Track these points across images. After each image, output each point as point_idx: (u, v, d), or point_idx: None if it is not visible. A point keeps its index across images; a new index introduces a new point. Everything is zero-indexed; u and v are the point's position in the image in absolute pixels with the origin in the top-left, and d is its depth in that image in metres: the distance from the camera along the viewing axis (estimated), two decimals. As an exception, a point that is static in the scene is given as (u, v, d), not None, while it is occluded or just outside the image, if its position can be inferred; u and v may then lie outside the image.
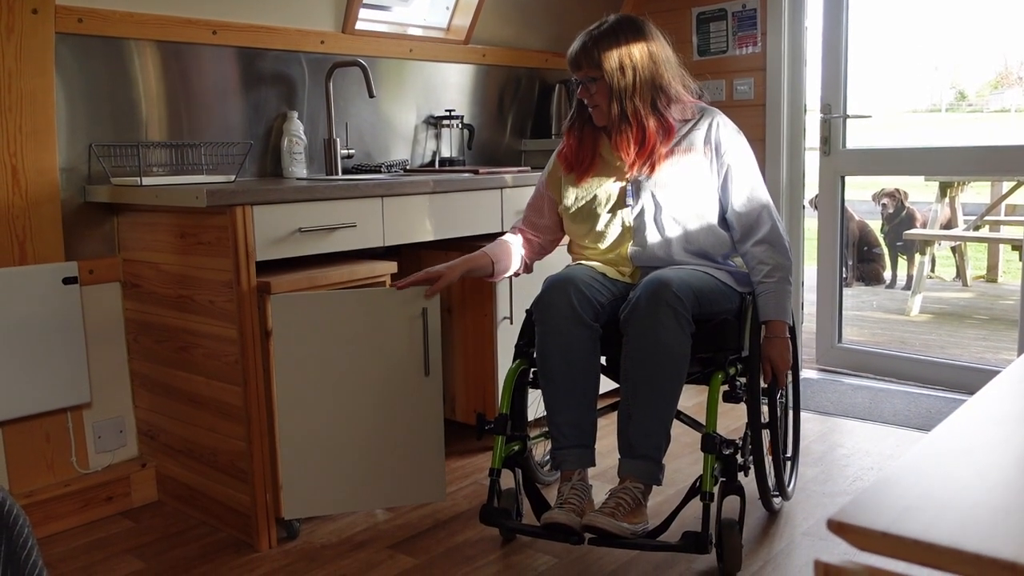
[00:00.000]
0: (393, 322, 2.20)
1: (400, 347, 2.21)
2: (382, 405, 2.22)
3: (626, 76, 2.07)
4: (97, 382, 2.46)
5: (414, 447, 2.25)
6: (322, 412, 2.19)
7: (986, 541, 0.48)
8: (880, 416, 3.13)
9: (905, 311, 5.30)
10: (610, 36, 2.09)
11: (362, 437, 2.22)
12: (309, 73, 2.89)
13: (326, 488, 2.22)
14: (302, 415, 2.19)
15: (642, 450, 1.95)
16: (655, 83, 2.11)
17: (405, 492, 2.27)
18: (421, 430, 2.25)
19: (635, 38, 2.10)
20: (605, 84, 2.09)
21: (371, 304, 2.19)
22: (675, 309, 1.93)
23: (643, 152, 2.11)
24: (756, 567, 2.07)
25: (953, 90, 10.67)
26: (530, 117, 3.70)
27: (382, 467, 2.24)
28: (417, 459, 2.26)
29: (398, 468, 2.25)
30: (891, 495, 0.55)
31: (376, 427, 2.23)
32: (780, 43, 3.55)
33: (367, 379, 2.21)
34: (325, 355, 2.18)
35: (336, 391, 2.19)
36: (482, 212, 2.75)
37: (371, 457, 2.23)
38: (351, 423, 2.21)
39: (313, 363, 2.18)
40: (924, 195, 6.28)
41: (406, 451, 2.25)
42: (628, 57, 2.08)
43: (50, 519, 2.33)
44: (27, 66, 2.23)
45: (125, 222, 2.45)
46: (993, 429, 0.68)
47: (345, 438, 2.21)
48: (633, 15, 2.17)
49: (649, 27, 2.14)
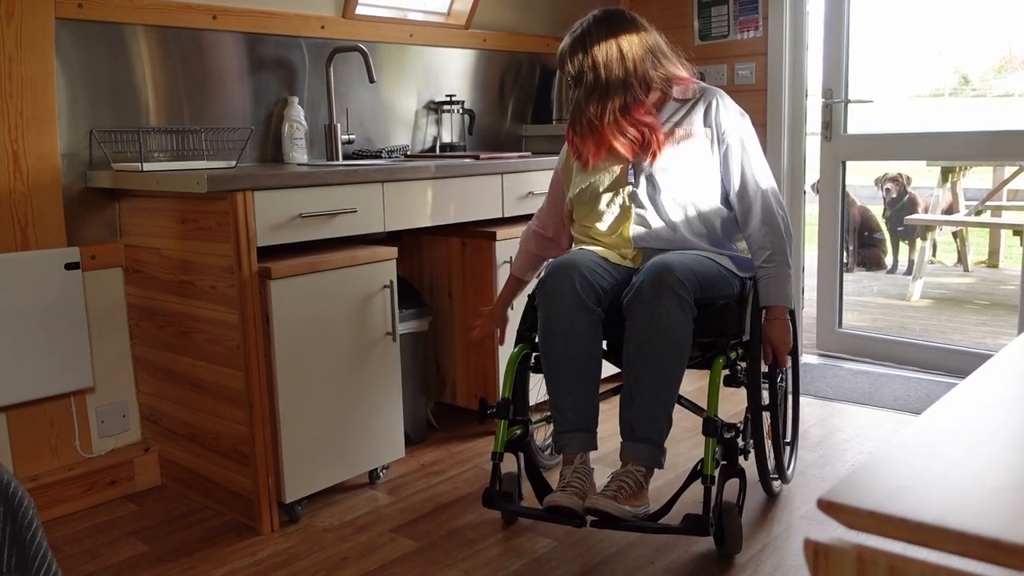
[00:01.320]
0: (364, 294, 2.37)
1: (369, 317, 2.39)
2: (354, 377, 2.37)
3: (596, 68, 2.13)
4: (100, 367, 2.47)
5: (377, 412, 2.45)
6: (319, 393, 2.25)
7: (971, 519, 0.49)
8: (879, 401, 3.14)
9: (906, 296, 5.31)
10: (586, 34, 2.15)
11: (338, 408, 2.35)
12: (309, 58, 2.89)
13: (323, 464, 2.30)
14: (301, 398, 2.22)
15: (644, 433, 1.96)
16: (636, 74, 2.12)
17: (371, 456, 2.45)
18: (384, 397, 2.46)
19: (610, 33, 2.13)
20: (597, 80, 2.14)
21: (345, 280, 2.32)
22: (678, 294, 1.94)
23: (637, 146, 2.15)
24: (755, 550, 2.08)
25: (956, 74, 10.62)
26: (531, 102, 3.70)
27: (351, 435, 2.38)
28: (380, 423, 2.45)
29: (364, 434, 2.41)
30: (881, 475, 0.56)
31: (347, 398, 2.37)
32: (782, 27, 3.54)
33: (342, 351, 2.34)
34: (323, 337, 2.23)
35: (329, 369, 2.28)
36: (483, 197, 2.75)
37: (343, 428, 2.36)
38: (338, 396, 2.33)
39: (312, 346, 2.22)
40: (926, 180, 6.27)
41: (369, 417, 2.42)
42: (605, 55, 2.13)
43: (54, 503, 2.35)
44: (27, 52, 2.23)
45: (126, 207, 2.46)
46: (984, 411, 0.68)
47: (335, 412, 2.32)
48: (610, 9, 2.19)
49: (623, 18, 2.17)
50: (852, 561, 0.51)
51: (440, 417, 3.03)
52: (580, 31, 2.17)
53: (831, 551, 0.52)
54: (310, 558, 2.10)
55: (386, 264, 2.42)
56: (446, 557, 2.09)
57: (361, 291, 2.36)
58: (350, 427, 2.38)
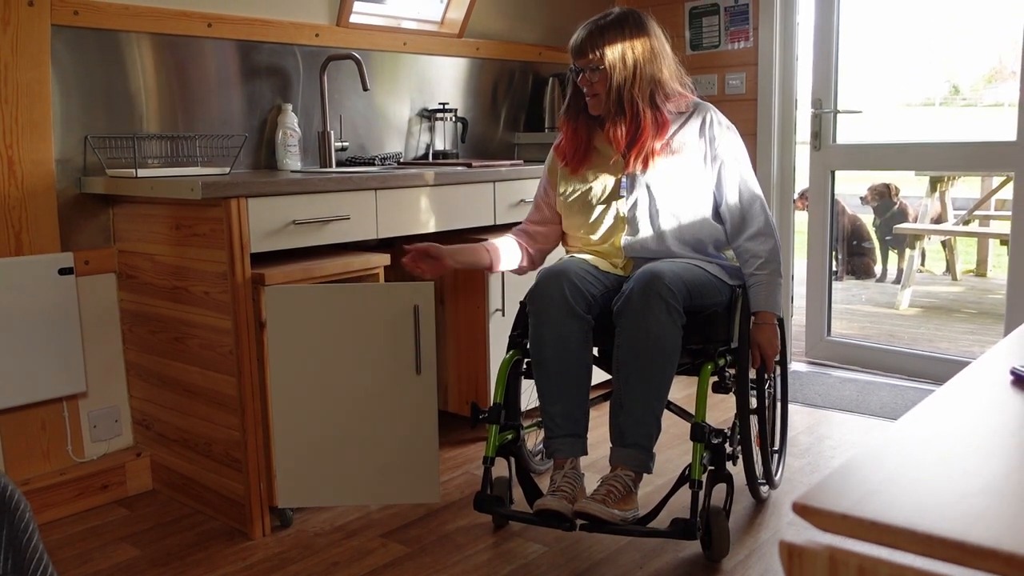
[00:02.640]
0: (385, 317, 2.18)
1: (391, 343, 2.18)
2: (373, 400, 2.20)
3: (627, 68, 2.11)
4: (93, 372, 2.48)
5: (407, 445, 2.21)
6: (315, 403, 2.20)
7: (939, 522, 0.51)
8: (867, 408, 3.17)
9: (895, 305, 5.35)
10: (615, 27, 2.13)
11: (354, 431, 2.20)
12: (303, 66, 2.91)
13: (320, 479, 2.23)
14: (296, 406, 2.20)
15: (633, 439, 1.98)
16: (654, 77, 2.14)
17: (399, 490, 2.23)
18: (414, 429, 2.21)
19: (638, 32, 2.13)
20: (606, 74, 2.12)
21: (364, 298, 2.19)
22: (667, 301, 1.96)
23: (636, 144, 2.14)
24: (742, 555, 2.11)
25: (947, 84, 10.67)
26: (523, 110, 3.72)
27: (375, 463, 2.21)
28: (410, 458, 2.22)
29: (391, 465, 2.22)
30: (854, 480, 0.58)
31: (367, 422, 2.21)
32: (772, 38, 3.57)
33: (358, 373, 2.19)
34: (318, 347, 2.18)
35: (329, 383, 2.19)
36: (475, 205, 2.77)
37: (363, 452, 2.21)
38: (343, 416, 2.20)
39: (307, 355, 2.19)
40: (915, 190, 6.32)
41: (399, 449, 2.21)
42: (631, 50, 2.11)
43: (46, 507, 2.35)
44: (23, 58, 2.24)
45: (121, 213, 2.47)
46: (957, 418, 0.71)
47: (338, 430, 2.21)
48: (636, 10, 2.20)
49: (651, 23, 2.18)
50: (824, 562, 0.53)
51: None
52: (607, 21, 2.14)
53: (804, 552, 0.54)
54: (301, 563, 2.11)
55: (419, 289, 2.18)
56: (436, 562, 2.11)
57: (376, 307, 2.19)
58: (355, 445, 2.22)
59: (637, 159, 2.16)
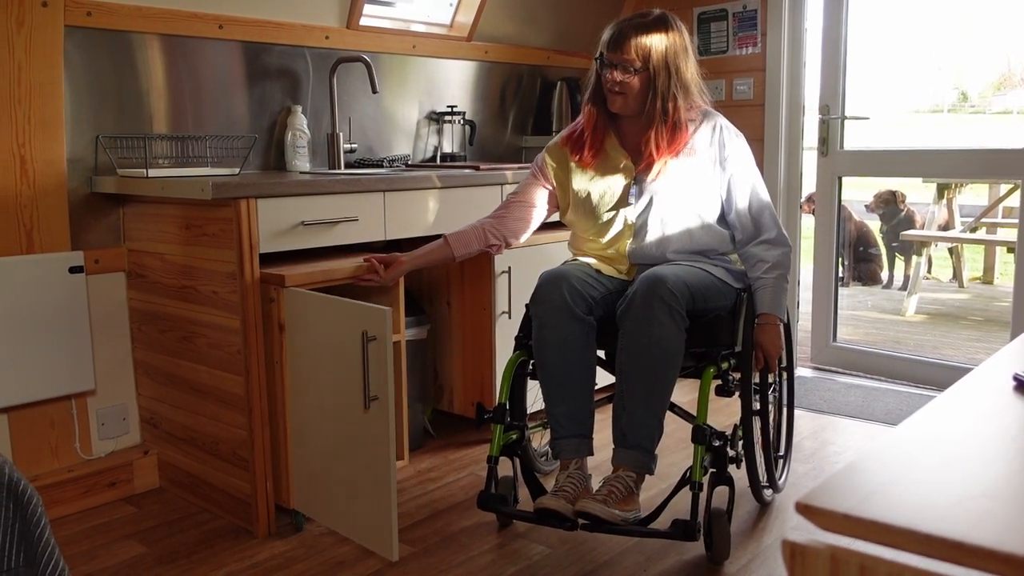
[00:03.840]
0: (342, 339, 2.01)
1: (345, 370, 2.01)
2: (334, 428, 2.08)
3: (670, 75, 2.10)
4: (101, 370, 2.50)
5: (361, 486, 2.03)
6: (319, 412, 2.16)
7: (938, 523, 0.52)
8: (872, 415, 3.17)
9: (901, 311, 5.34)
10: (660, 30, 2.10)
11: (329, 453, 2.14)
12: (313, 68, 2.93)
13: (318, 492, 2.19)
14: (307, 410, 2.19)
15: (635, 440, 1.99)
16: (687, 87, 2.14)
17: (361, 531, 2.10)
18: (366, 473, 2.01)
19: (680, 39, 2.13)
20: (645, 76, 2.10)
21: (326, 314, 2.06)
22: (669, 305, 1.98)
23: (672, 149, 2.15)
24: (746, 559, 2.11)
25: (956, 91, 10.64)
26: (531, 114, 3.73)
27: (343, 492, 2.12)
28: (367, 502, 2.04)
29: (354, 502, 2.08)
30: (856, 481, 0.59)
31: (334, 449, 2.11)
32: (780, 44, 3.58)
33: (326, 396, 2.11)
34: (324, 355, 2.11)
35: (324, 397, 2.13)
36: (482, 207, 2.78)
37: (335, 478, 2.13)
38: (328, 432, 2.13)
39: (316, 361, 2.15)
40: (922, 196, 6.31)
41: (356, 487, 2.06)
42: (674, 56, 2.10)
43: (54, 504, 2.37)
44: (36, 58, 2.26)
45: (131, 213, 2.49)
46: (958, 423, 0.72)
47: (323, 448, 2.14)
48: (674, 15, 2.17)
49: (685, 32, 2.17)
50: (826, 561, 0.54)
51: (437, 425, 3.06)
52: (652, 20, 2.11)
53: (807, 551, 0.55)
54: (307, 562, 2.12)
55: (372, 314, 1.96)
56: (441, 563, 2.12)
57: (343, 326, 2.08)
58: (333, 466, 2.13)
59: (663, 164, 2.16)
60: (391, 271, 2.27)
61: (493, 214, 2.37)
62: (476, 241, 2.32)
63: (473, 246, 2.33)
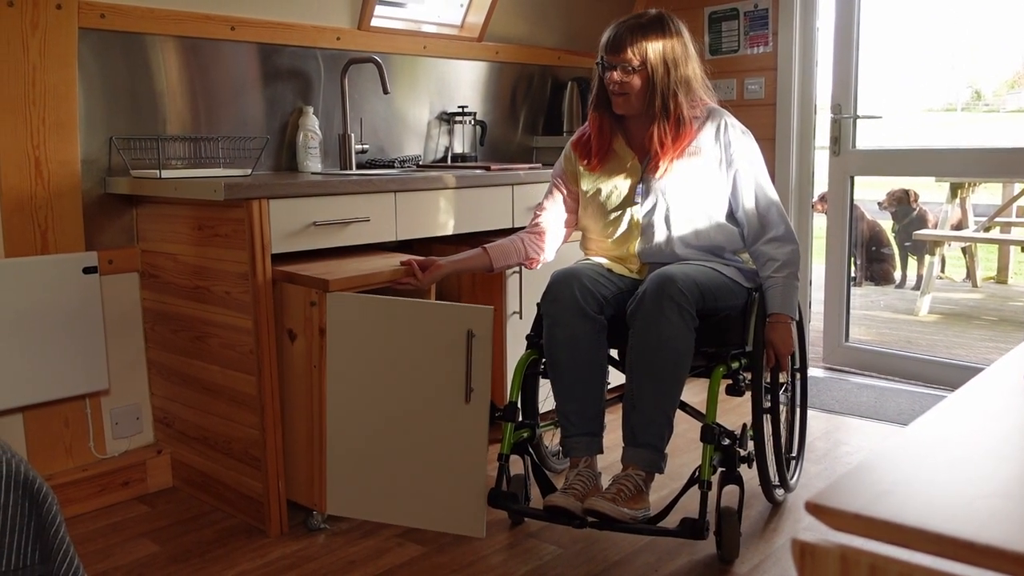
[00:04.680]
0: (440, 339, 2.10)
1: (443, 367, 2.10)
2: (421, 421, 2.13)
3: (668, 71, 2.11)
4: (115, 370, 2.52)
5: (453, 474, 2.12)
6: (368, 415, 2.15)
7: (949, 523, 0.52)
8: (884, 415, 3.16)
9: (914, 311, 5.32)
10: (656, 29, 2.12)
11: (402, 449, 2.15)
12: (325, 69, 2.94)
13: (369, 492, 2.17)
14: (350, 414, 2.16)
15: (644, 438, 2.00)
16: (688, 83, 2.15)
17: (443, 517, 2.14)
18: (460, 459, 2.12)
19: (677, 35, 2.14)
20: (644, 75, 2.11)
21: (423, 317, 2.11)
22: (679, 304, 1.98)
23: (677, 146, 2.15)
24: (757, 560, 2.11)
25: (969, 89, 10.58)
26: (542, 114, 3.74)
27: (420, 485, 2.14)
28: (456, 487, 2.12)
29: (436, 491, 2.14)
30: (866, 481, 0.59)
31: (415, 442, 2.14)
32: (791, 43, 3.57)
33: (410, 392, 2.13)
34: (375, 358, 2.13)
35: (382, 397, 2.15)
36: (493, 208, 2.79)
37: (410, 472, 2.14)
38: (392, 432, 2.15)
39: (363, 364, 2.13)
40: (935, 195, 6.28)
41: (445, 475, 2.13)
42: (672, 53, 2.12)
43: (68, 503, 2.39)
44: (51, 60, 2.28)
45: (144, 213, 2.50)
46: (969, 423, 0.71)
47: (388, 445, 2.15)
48: (671, 14, 2.19)
49: (685, 29, 2.18)
50: (836, 560, 0.54)
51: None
52: (649, 20, 2.13)
53: (817, 550, 0.55)
54: (319, 561, 2.13)
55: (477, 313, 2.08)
56: (452, 562, 2.12)
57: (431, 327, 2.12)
58: (403, 464, 2.14)
59: (669, 162, 2.16)
60: (428, 274, 2.25)
61: (530, 229, 2.37)
62: (515, 254, 2.33)
63: (512, 259, 2.33)
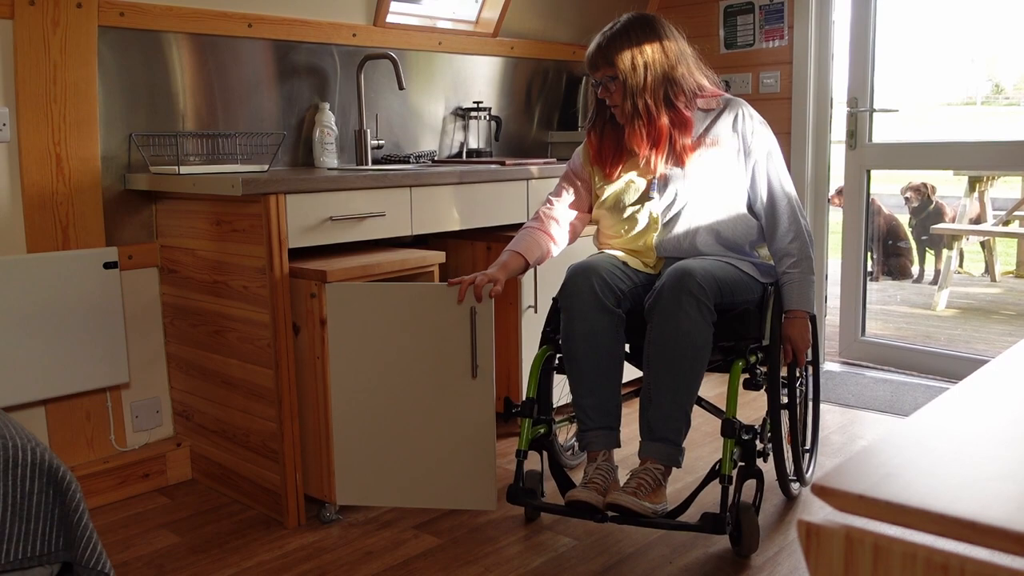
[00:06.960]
0: (442, 319, 2.16)
1: (447, 346, 2.17)
2: (429, 403, 2.19)
3: (637, 73, 2.12)
4: (135, 363, 2.55)
5: (463, 450, 2.20)
6: (373, 402, 2.20)
7: (951, 503, 0.53)
8: (900, 409, 3.15)
9: (931, 306, 5.29)
10: (621, 36, 2.15)
11: (410, 431, 2.21)
12: (341, 65, 2.96)
13: (377, 478, 2.23)
14: (355, 403, 2.21)
15: (662, 433, 2.00)
16: (668, 78, 2.15)
17: (454, 495, 2.23)
18: (470, 433, 2.19)
19: (646, 35, 2.15)
20: (620, 83, 2.14)
21: (423, 299, 2.17)
22: (697, 299, 1.98)
23: (657, 146, 2.16)
24: (772, 552, 2.11)
25: (989, 82, 10.47)
26: (557, 109, 3.74)
27: (430, 465, 2.21)
28: (466, 463, 2.20)
29: (447, 469, 2.21)
30: (871, 464, 0.60)
31: (423, 423, 2.20)
32: (807, 36, 3.56)
33: (415, 374, 2.19)
34: (377, 345, 2.18)
35: (386, 382, 2.20)
36: (508, 203, 2.80)
37: (419, 453, 2.21)
38: (400, 416, 2.21)
39: (366, 352, 2.18)
40: (953, 189, 6.24)
41: (455, 453, 2.20)
42: (640, 54, 2.13)
43: (89, 494, 2.42)
44: (71, 58, 2.31)
45: (163, 209, 2.53)
46: (974, 410, 0.72)
47: (395, 430, 2.21)
48: (645, 13, 2.22)
49: (661, 23, 2.18)
50: (841, 540, 0.55)
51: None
52: (614, 31, 2.17)
53: (822, 531, 0.56)
54: (336, 552, 2.16)
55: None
56: (468, 554, 2.14)
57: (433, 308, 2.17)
58: (411, 446, 2.21)
59: (668, 158, 2.17)
60: (498, 288, 2.17)
61: (544, 217, 2.33)
62: (537, 247, 2.28)
63: (544, 248, 2.29)
